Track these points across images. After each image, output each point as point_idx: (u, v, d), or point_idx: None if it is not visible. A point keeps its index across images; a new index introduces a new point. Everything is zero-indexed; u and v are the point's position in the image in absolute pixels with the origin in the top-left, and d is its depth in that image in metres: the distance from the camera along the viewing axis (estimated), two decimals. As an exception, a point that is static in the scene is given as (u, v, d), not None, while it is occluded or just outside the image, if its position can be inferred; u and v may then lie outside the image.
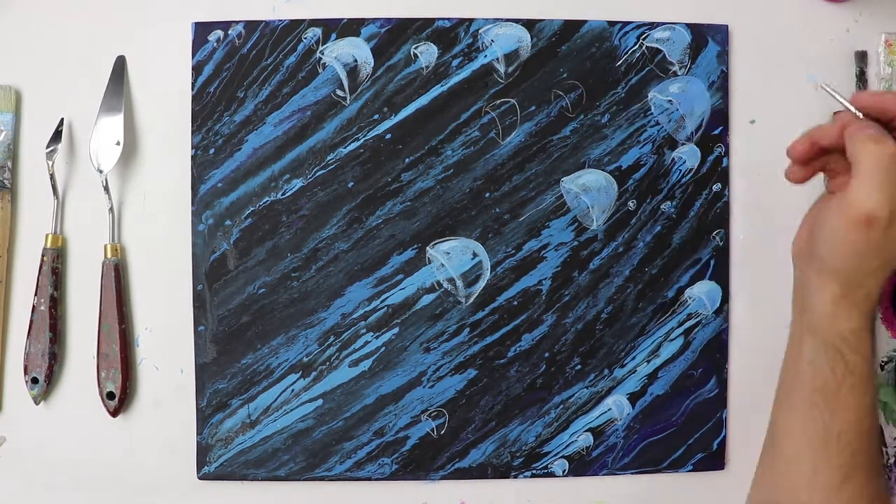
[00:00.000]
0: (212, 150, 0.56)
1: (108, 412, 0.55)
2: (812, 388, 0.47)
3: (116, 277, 0.55)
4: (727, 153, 0.57)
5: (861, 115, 0.45)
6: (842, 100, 0.46)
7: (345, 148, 0.56)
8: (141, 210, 0.57)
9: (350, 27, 0.56)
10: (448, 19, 0.56)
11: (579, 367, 0.57)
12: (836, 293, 0.45)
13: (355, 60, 0.56)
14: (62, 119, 0.56)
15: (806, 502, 0.46)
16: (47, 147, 0.56)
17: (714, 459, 0.57)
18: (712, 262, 0.57)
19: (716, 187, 0.57)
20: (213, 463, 0.56)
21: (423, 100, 0.56)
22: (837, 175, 0.47)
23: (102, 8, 0.57)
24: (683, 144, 0.57)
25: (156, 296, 0.57)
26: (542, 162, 0.56)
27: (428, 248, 0.56)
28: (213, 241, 0.56)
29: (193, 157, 0.56)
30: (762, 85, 0.58)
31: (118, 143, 0.56)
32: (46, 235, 0.56)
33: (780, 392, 0.48)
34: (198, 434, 0.56)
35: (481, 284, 0.56)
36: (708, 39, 0.57)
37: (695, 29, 0.57)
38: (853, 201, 0.43)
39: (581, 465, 0.57)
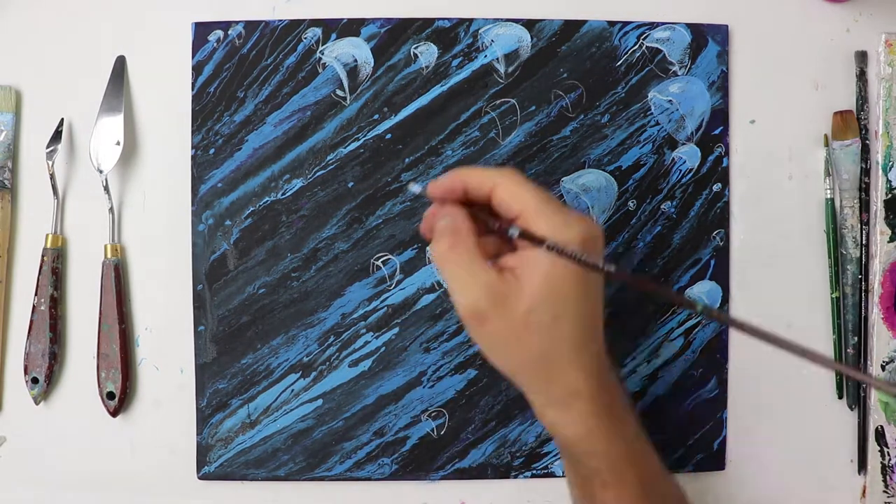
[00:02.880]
0: (212, 150, 0.56)
1: (108, 412, 0.55)
2: (578, 493, 0.43)
3: (116, 277, 0.55)
4: (727, 153, 0.57)
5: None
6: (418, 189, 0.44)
7: (345, 148, 0.56)
8: (141, 210, 0.57)
9: (350, 27, 0.56)
10: (448, 19, 0.56)
11: (579, 367, 0.56)
12: (533, 400, 0.42)
13: (355, 60, 0.56)
14: (62, 119, 0.56)
15: None
16: (47, 147, 0.56)
17: (714, 460, 0.57)
18: (712, 262, 0.57)
19: (716, 187, 0.57)
20: (212, 463, 0.56)
21: (423, 100, 0.56)
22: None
23: (102, 8, 0.57)
24: (683, 144, 0.57)
25: (156, 296, 0.57)
26: (542, 162, 0.56)
27: (428, 248, 0.56)
28: (213, 241, 0.56)
29: (193, 157, 0.56)
30: (762, 85, 0.58)
31: (118, 143, 0.56)
32: (46, 235, 0.56)
33: None
34: (198, 434, 0.56)
35: (481, 284, 0.56)
36: (708, 39, 0.57)
37: (695, 29, 0.57)
38: (455, 304, 0.40)
39: (581, 466, 0.57)
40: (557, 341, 0.39)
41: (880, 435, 0.56)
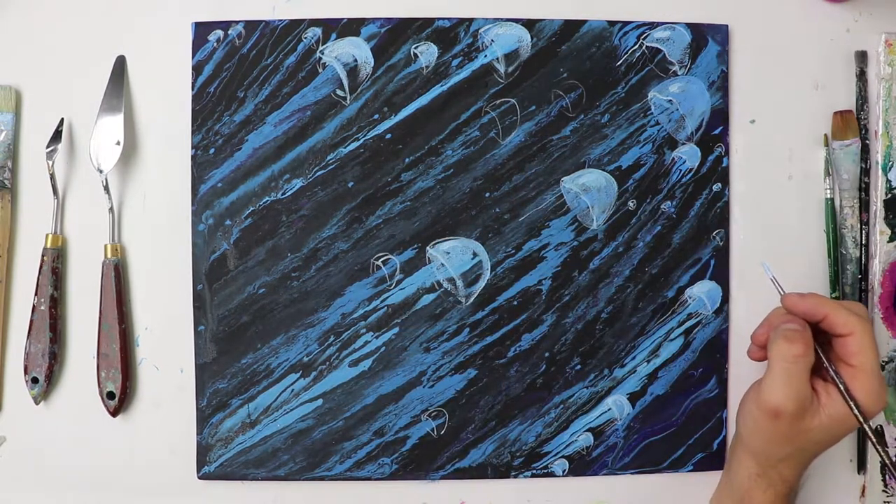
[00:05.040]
0: (212, 150, 0.56)
1: (108, 412, 0.55)
2: None
3: (116, 277, 0.55)
4: (727, 153, 0.57)
5: (782, 292, 0.50)
6: (779, 289, 0.50)
7: (345, 148, 0.56)
8: (141, 210, 0.57)
9: (350, 27, 0.56)
10: (448, 19, 0.56)
11: (579, 366, 0.57)
12: (753, 470, 0.50)
13: (355, 60, 0.56)
14: (62, 119, 0.56)
15: None
16: (47, 147, 0.56)
17: (714, 459, 0.57)
18: (712, 262, 0.57)
19: (716, 187, 0.57)
20: (213, 463, 0.56)
21: (423, 100, 0.56)
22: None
23: (102, 8, 0.57)
24: (683, 144, 0.57)
25: (156, 296, 0.57)
26: (542, 162, 0.56)
27: (428, 248, 0.56)
28: (213, 240, 0.56)
29: (193, 157, 0.56)
30: (762, 85, 0.58)
31: (118, 143, 0.56)
32: (46, 235, 0.56)
33: None
34: (198, 434, 0.56)
35: (481, 284, 0.56)
36: (708, 39, 0.57)
37: (695, 29, 0.57)
38: (764, 392, 0.47)
39: (581, 465, 0.57)
40: (807, 451, 0.49)
41: (880, 435, 0.56)
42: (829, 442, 0.49)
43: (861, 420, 0.47)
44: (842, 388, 0.47)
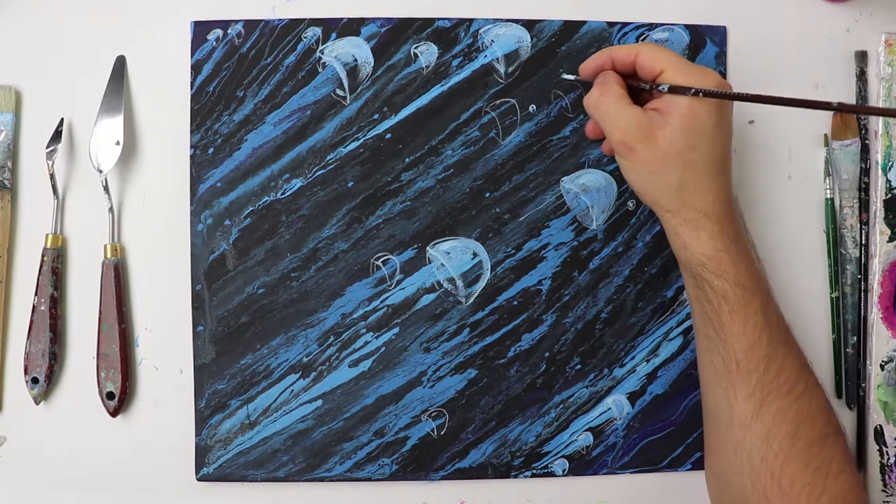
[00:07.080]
0: (211, 150, 0.56)
1: (107, 412, 0.55)
2: (702, 321, 0.47)
3: (116, 277, 0.55)
4: (727, 153, 0.57)
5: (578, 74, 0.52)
6: (573, 77, 0.54)
7: (345, 148, 0.56)
8: (141, 210, 0.57)
9: (350, 27, 0.56)
10: (448, 19, 0.56)
11: (579, 366, 0.56)
12: (670, 222, 0.47)
13: (355, 60, 0.56)
14: (62, 119, 0.56)
15: (731, 440, 0.46)
16: (47, 147, 0.56)
17: (714, 459, 0.57)
18: (712, 262, 0.57)
19: (715, 187, 0.57)
20: (211, 464, 0.56)
21: (423, 100, 0.56)
22: None
23: (102, 8, 0.57)
24: (683, 144, 0.57)
25: (155, 296, 0.57)
26: (542, 162, 0.56)
27: (428, 248, 0.56)
28: (212, 241, 0.56)
29: (192, 157, 0.56)
30: (762, 85, 0.58)
31: (118, 143, 0.56)
32: (46, 235, 0.56)
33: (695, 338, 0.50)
34: (196, 435, 0.56)
35: (481, 284, 0.56)
36: (706, 41, 0.57)
37: (693, 30, 0.57)
38: (609, 142, 0.48)
39: (581, 465, 0.57)
40: (692, 168, 0.46)
41: (879, 434, 0.56)
42: (702, 145, 0.45)
43: (699, 90, 0.45)
44: (665, 86, 0.46)
